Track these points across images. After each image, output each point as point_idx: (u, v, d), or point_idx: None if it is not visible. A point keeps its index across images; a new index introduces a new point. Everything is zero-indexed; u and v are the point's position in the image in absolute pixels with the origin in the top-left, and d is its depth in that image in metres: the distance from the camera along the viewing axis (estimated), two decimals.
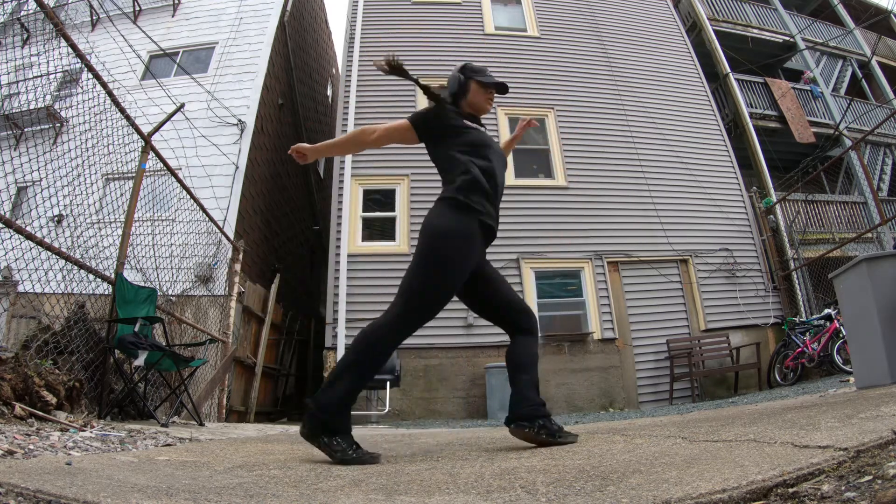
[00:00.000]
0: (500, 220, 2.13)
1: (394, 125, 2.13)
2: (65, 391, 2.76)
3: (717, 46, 10.72)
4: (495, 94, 2.20)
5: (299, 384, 10.71)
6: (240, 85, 8.75)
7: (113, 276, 3.64)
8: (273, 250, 9.77)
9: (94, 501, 0.99)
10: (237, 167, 7.96)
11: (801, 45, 11.89)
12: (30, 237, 2.79)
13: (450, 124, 2.09)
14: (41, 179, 3.20)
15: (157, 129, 4.19)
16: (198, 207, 5.40)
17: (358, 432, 3.81)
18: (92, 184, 3.61)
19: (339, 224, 7.71)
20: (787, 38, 11.95)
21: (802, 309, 8.16)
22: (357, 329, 7.15)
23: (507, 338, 2.11)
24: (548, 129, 8.91)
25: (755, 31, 11.66)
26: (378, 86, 8.85)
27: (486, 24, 9.82)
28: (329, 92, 15.61)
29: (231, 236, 6.85)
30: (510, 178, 8.38)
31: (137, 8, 9.61)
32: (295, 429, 4.71)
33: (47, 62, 3.33)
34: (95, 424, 2.64)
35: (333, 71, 16.02)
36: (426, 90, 2.11)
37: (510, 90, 2.28)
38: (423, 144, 2.17)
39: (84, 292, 3.49)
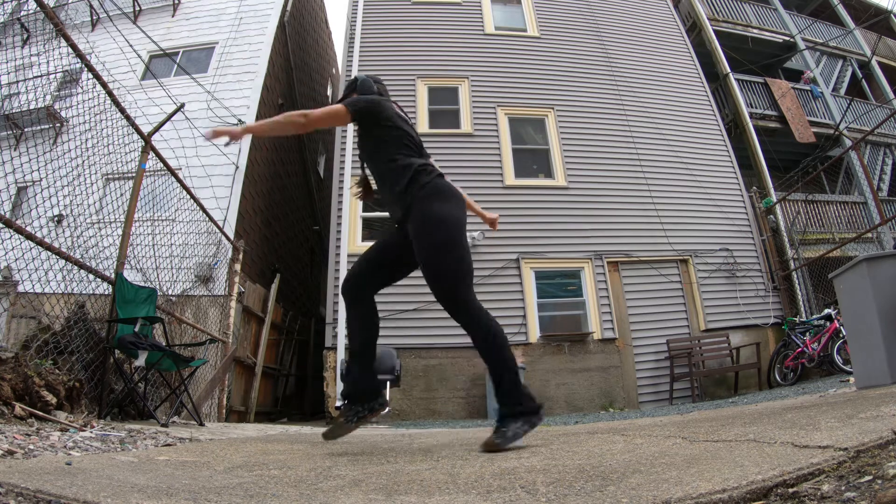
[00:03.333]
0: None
1: None
2: (65, 391, 2.76)
3: (717, 46, 10.72)
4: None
5: (299, 384, 10.71)
6: (240, 85, 8.75)
7: (113, 276, 3.64)
8: (273, 250, 9.77)
9: (94, 501, 0.99)
10: (237, 167, 7.96)
11: (801, 45, 11.89)
12: (30, 237, 2.79)
13: None
14: (41, 179, 3.20)
15: (157, 129, 4.19)
16: (198, 207, 5.40)
17: (358, 432, 3.82)
18: (92, 184, 3.60)
19: (339, 224, 7.71)
20: (787, 38, 11.95)
21: (802, 309, 8.16)
22: None
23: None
24: (548, 129, 8.91)
25: (755, 31, 11.66)
26: None
27: (486, 24, 9.82)
28: (329, 92, 15.60)
29: (231, 236, 6.85)
30: (510, 178, 8.40)
31: (137, 8, 9.61)
32: (295, 429, 4.71)
33: (47, 62, 3.33)
34: (95, 424, 2.64)
35: (333, 71, 16.02)
36: None
37: (511, 90, 2.42)
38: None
39: (84, 292, 3.49)
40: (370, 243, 9.36)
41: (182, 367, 3.72)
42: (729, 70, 10.47)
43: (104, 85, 3.54)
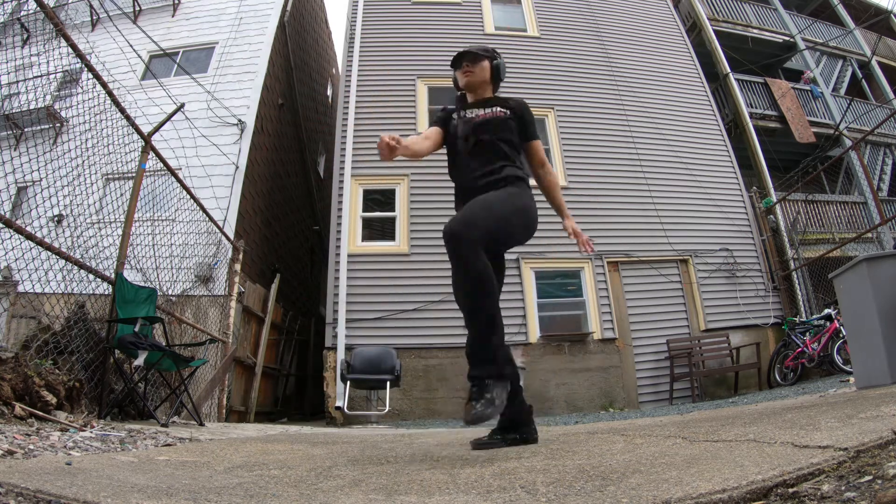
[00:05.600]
0: None
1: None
2: (65, 391, 2.76)
3: (717, 46, 10.72)
4: (458, 66, 2.49)
5: (299, 384, 10.71)
6: (240, 85, 8.74)
7: (113, 276, 3.64)
8: (273, 250, 9.77)
9: (94, 501, 0.99)
10: (237, 167, 7.96)
11: (801, 45, 11.89)
12: (30, 237, 2.79)
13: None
14: (41, 179, 3.19)
15: (157, 129, 4.19)
16: (198, 207, 5.40)
17: (358, 432, 3.81)
18: (92, 184, 3.60)
19: (339, 224, 7.71)
20: (787, 38, 11.95)
21: (802, 309, 8.16)
22: (357, 329, 7.18)
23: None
24: (548, 129, 8.91)
25: (755, 31, 11.66)
26: (378, 86, 8.85)
27: (486, 24, 9.82)
28: (329, 92, 15.61)
29: (231, 236, 6.84)
30: None
31: (137, 8, 9.61)
32: (295, 429, 4.71)
33: (47, 62, 3.33)
34: (95, 424, 2.64)
35: (333, 71, 16.02)
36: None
37: (511, 90, 2.38)
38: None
39: (84, 292, 3.49)
40: (370, 243, 9.31)
41: (182, 367, 3.71)
42: (729, 70, 10.47)
43: (104, 85, 3.54)
